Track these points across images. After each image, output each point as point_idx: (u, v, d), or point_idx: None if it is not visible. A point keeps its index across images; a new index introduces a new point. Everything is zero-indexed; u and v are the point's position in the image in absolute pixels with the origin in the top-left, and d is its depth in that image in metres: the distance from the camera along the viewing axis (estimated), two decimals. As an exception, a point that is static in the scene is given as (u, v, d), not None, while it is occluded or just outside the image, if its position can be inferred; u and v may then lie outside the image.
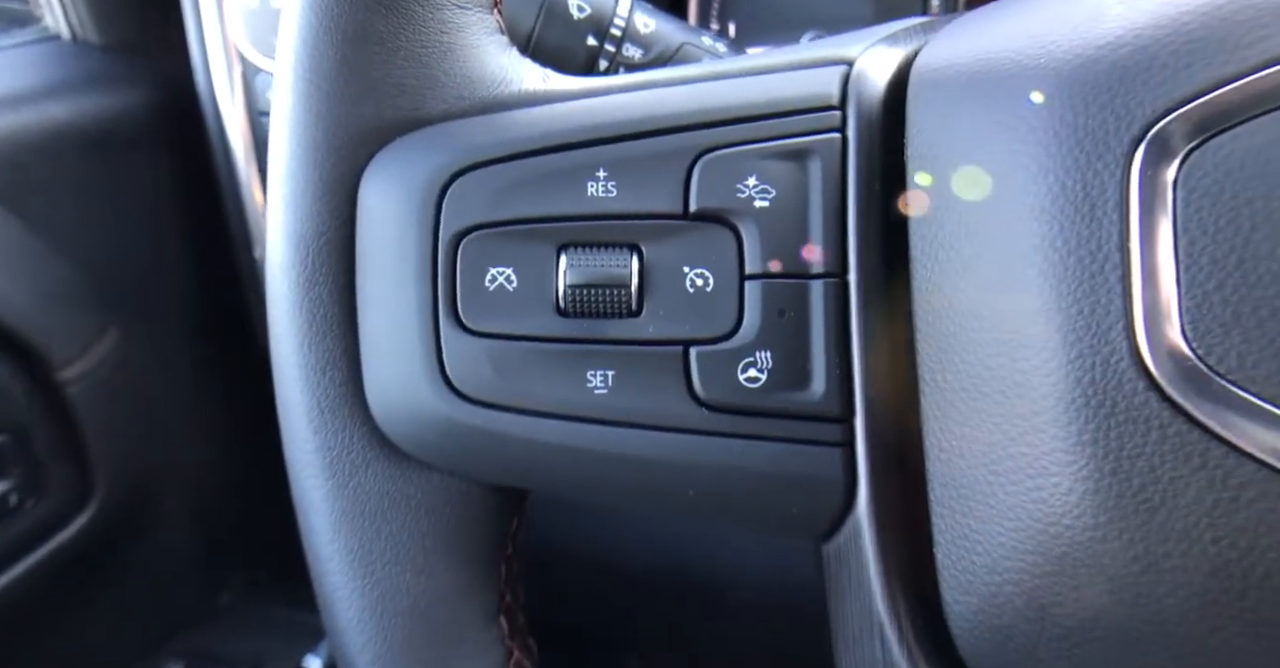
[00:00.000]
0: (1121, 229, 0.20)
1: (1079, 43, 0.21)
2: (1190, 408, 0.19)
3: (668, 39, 0.43)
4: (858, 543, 0.25)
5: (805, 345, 0.25)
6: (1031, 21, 0.24)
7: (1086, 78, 0.21)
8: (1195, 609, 0.19)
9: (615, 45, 0.42)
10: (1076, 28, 0.22)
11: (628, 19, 0.41)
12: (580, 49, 0.42)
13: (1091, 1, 0.23)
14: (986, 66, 0.23)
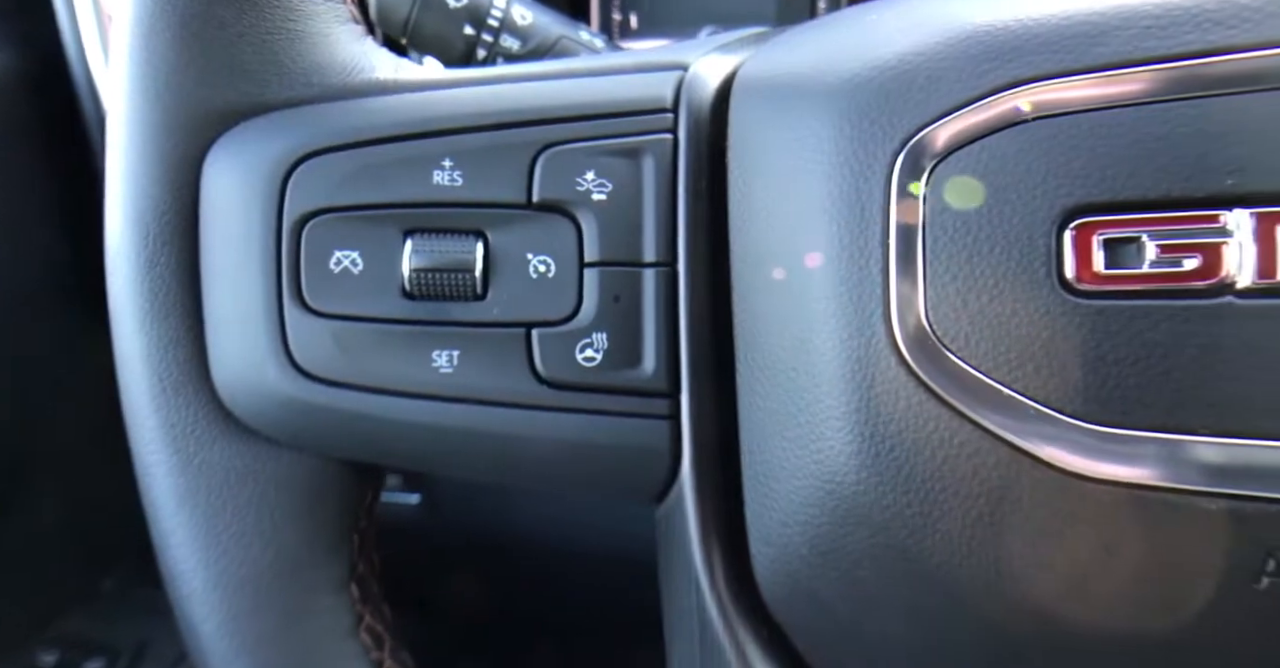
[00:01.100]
0: (883, 229, 0.22)
1: (858, 64, 0.24)
2: (930, 381, 0.22)
3: (545, 31, 0.44)
4: (682, 505, 0.27)
5: (638, 328, 0.27)
6: (830, 42, 0.27)
7: (859, 96, 0.23)
8: (935, 548, 0.22)
9: (493, 35, 0.43)
10: (860, 50, 0.25)
11: (505, 10, 0.42)
12: (458, 38, 0.43)
13: (882, 27, 0.25)
14: (786, 80, 0.26)
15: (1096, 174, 0.20)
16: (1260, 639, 0.19)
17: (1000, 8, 0.24)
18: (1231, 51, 0.19)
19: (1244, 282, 0.19)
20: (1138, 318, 0.20)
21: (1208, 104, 0.20)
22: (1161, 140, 0.20)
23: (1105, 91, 0.21)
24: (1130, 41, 0.21)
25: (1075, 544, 0.20)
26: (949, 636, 0.23)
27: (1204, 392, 0.19)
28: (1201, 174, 0.19)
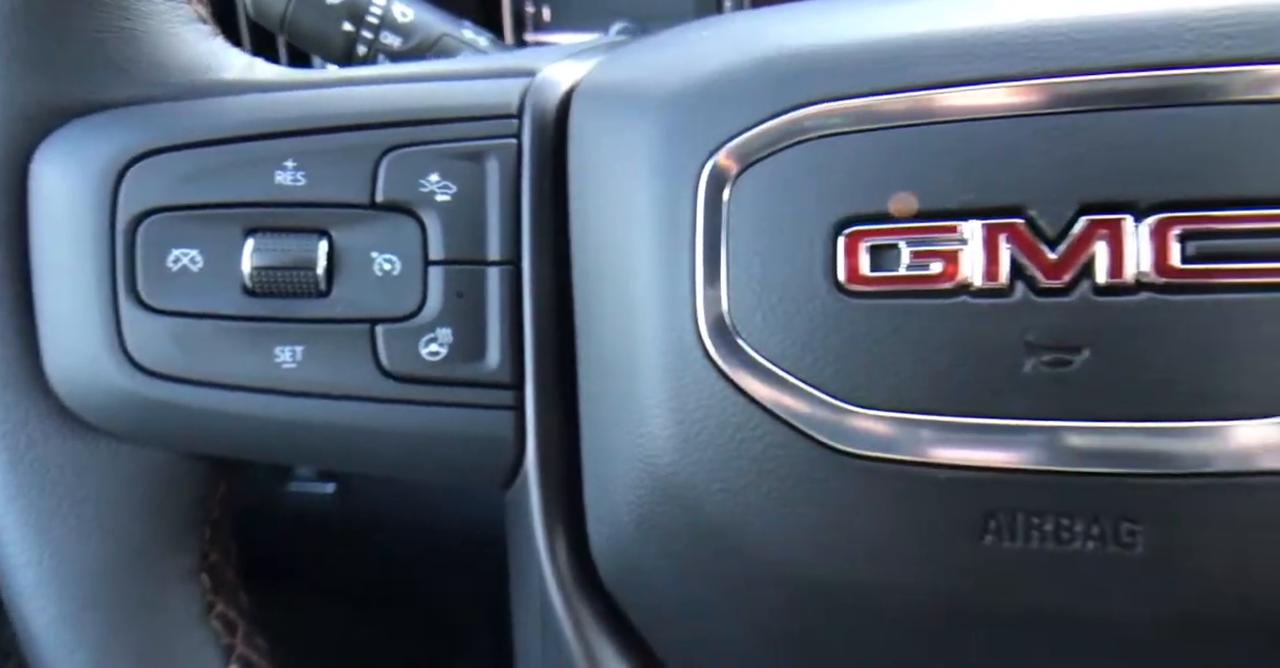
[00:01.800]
0: (691, 234, 0.25)
1: (678, 79, 0.26)
2: (729, 371, 0.24)
3: (427, 29, 0.45)
4: (526, 490, 0.29)
5: (482, 323, 0.29)
6: (664, 55, 0.29)
7: (676, 109, 0.25)
8: (736, 521, 0.24)
9: (373, 32, 0.43)
10: (683, 66, 0.27)
11: (385, 7, 0.43)
12: (337, 35, 0.43)
13: (706, 44, 0.28)
14: (619, 90, 0.28)
15: (865, 188, 0.23)
16: (985, 589, 0.22)
17: (802, 34, 0.26)
18: (972, 83, 0.22)
19: (976, 283, 0.22)
20: (896, 315, 0.23)
21: (952, 129, 0.22)
22: (915, 159, 0.23)
23: (873, 114, 0.23)
24: (894, 70, 0.23)
25: (844, 512, 0.23)
26: (753, 601, 0.25)
27: (944, 378, 0.22)
28: (945, 190, 0.22)
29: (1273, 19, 0.20)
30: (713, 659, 0.28)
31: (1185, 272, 0.20)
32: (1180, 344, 0.20)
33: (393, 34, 0.46)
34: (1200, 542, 0.20)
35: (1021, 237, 0.22)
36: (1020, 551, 0.22)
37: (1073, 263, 0.21)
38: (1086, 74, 0.22)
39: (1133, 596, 0.21)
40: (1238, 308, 0.20)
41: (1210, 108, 0.21)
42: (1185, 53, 0.21)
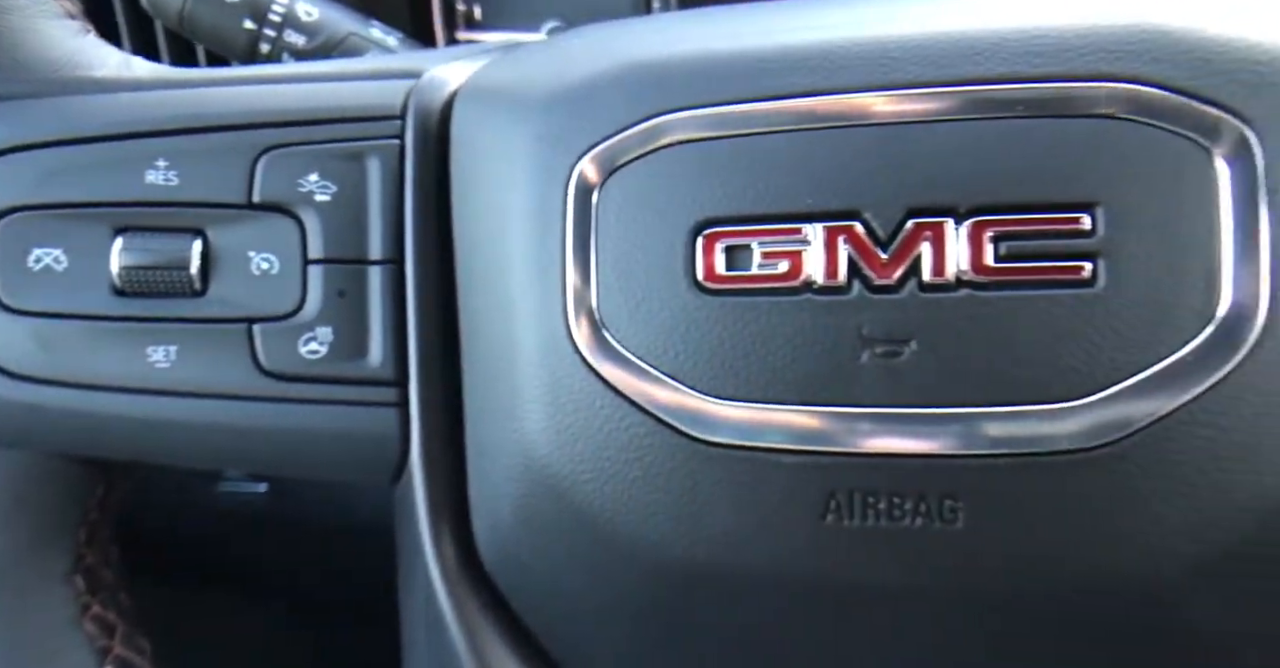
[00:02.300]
0: (562, 235, 0.26)
1: (553, 84, 0.27)
2: (597, 366, 0.25)
3: (333, 28, 0.45)
4: (412, 487, 0.30)
5: (363, 321, 0.29)
6: (544, 59, 0.29)
7: (550, 114, 0.26)
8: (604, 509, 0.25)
9: (275, 31, 0.43)
10: (560, 70, 0.28)
11: (289, 5, 0.42)
12: (238, 33, 0.42)
13: (583, 50, 0.29)
14: (499, 93, 0.29)
15: (720, 192, 0.25)
16: (828, 565, 0.24)
17: (668, 43, 0.27)
18: (813, 94, 0.24)
19: (818, 280, 0.24)
20: (748, 311, 0.24)
21: (795, 136, 0.24)
22: (764, 165, 0.24)
23: (726, 122, 0.25)
24: (748, 81, 0.25)
25: (702, 498, 0.24)
26: (625, 587, 0.27)
27: (790, 369, 0.24)
28: (791, 194, 0.24)
29: (1078, 41, 0.23)
30: (593, 646, 0.29)
31: (997, 270, 0.22)
32: (994, 336, 0.22)
33: (297, 32, 0.45)
34: (1011, 517, 0.22)
35: (857, 238, 0.23)
36: (858, 528, 0.23)
37: (901, 262, 0.23)
38: (914, 87, 0.23)
39: (955, 567, 0.23)
40: (1041, 303, 0.22)
41: (1019, 121, 0.23)
42: (999, 69, 0.23)
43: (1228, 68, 0.22)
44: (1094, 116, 0.22)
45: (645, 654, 0.27)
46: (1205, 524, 0.22)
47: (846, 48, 0.25)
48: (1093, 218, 0.22)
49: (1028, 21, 0.23)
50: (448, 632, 0.29)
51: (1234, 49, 0.22)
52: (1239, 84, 0.22)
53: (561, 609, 0.28)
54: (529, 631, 0.29)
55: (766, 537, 0.24)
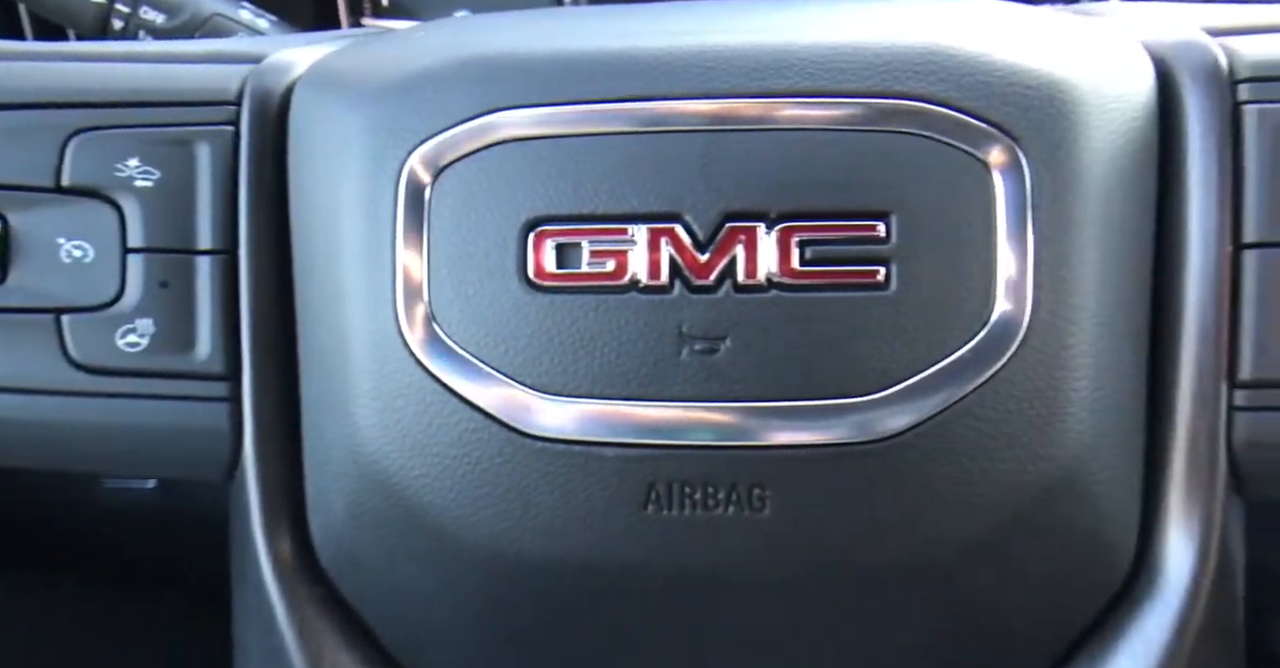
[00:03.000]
0: (393, 230, 0.26)
1: (388, 76, 0.27)
2: (427, 362, 0.25)
3: (196, 7, 0.42)
4: (245, 483, 0.29)
5: (190, 313, 0.28)
6: (386, 50, 0.29)
7: (382, 105, 0.26)
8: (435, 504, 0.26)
9: (130, 6, 0.41)
10: (396, 62, 0.28)
11: None
12: (85, 6, 0.40)
13: (422, 42, 0.29)
14: (337, 82, 0.28)
15: (552, 191, 0.25)
16: (649, 553, 0.25)
17: (509, 41, 0.28)
18: (641, 99, 0.25)
19: (643, 279, 0.25)
20: (576, 308, 0.25)
21: (623, 139, 0.25)
22: (593, 166, 0.25)
23: (557, 122, 0.25)
24: (577, 83, 0.25)
25: (530, 492, 0.25)
26: (458, 582, 0.27)
27: (616, 366, 0.25)
28: (618, 195, 0.25)
29: (876, 60, 0.25)
30: (429, 639, 0.29)
31: (803, 273, 0.24)
32: (800, 335, 0.24)
33: (154, 9, 0.43)
34: (811, 504, 0.24)
35: (678, 240, 0.25)
36: (676, 518, 0.24)
37: (718, 263, 0.24)
38: (732, 96, 0.25)
39: (762, 553, 0.24)
40: (841, 304, 0.24)
41: (824, 132, 0.24)
42: (806, 83, 0.24)
43: (1002, 90, 0.24)
44: (888, 131, 0.24)
45: (479, 645, 0.28)
46: (981, 506, 0.24)
47: (673, 55, 0.26)
48: (887, 226, 0.24)
49: (834, 39, 0.25)
50: (279, 631, 0.28)
51: (1010, 73, 0.24)
52: (1011, 105, 0.24)
53: (396, 604, 0.28)
54: (367, 627, 0.29)
55: (591, 528, 0.25)
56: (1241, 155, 0.25)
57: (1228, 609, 0.27)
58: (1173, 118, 0.26)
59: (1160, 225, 0.26)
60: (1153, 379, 0.26)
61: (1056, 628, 0.27)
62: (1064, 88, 0.24)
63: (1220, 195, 0.25)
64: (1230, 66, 0.26)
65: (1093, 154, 0.24)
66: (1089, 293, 0.24)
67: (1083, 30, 0.27)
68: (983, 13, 0.27)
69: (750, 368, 0.24)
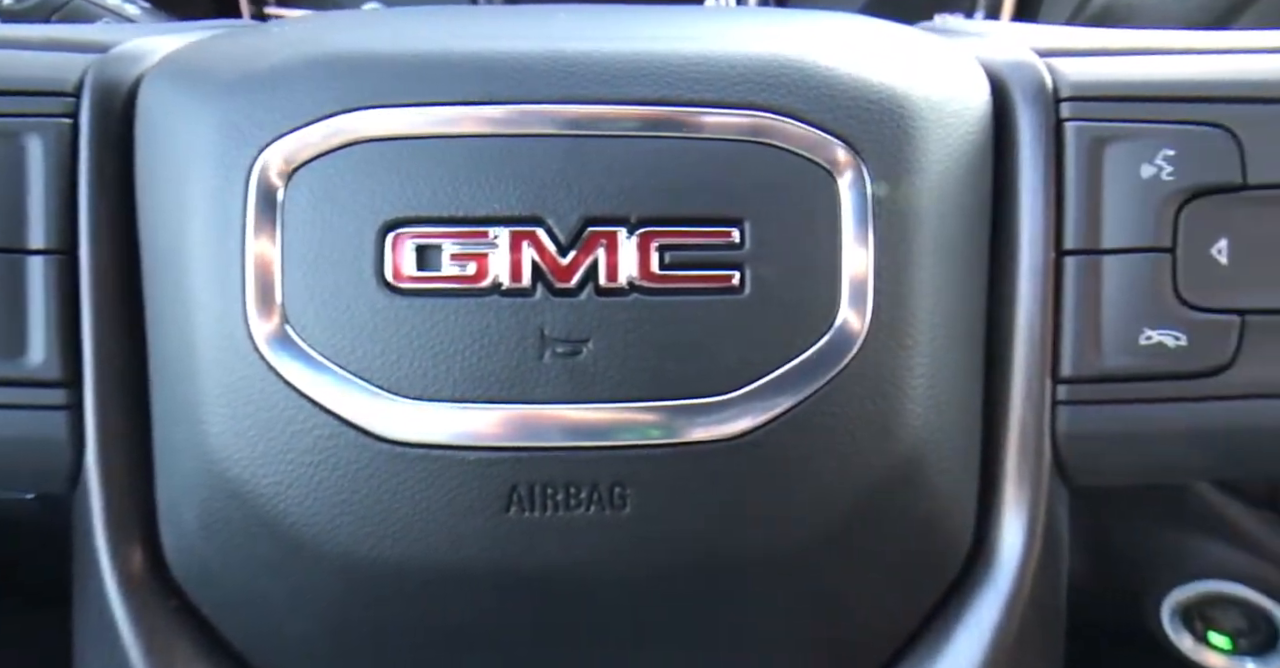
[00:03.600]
0: (243, 229, 0.25)
1: (239, 71, 0.26)
2: (280, 369, 0.25)
3: None
4: (88, 494, 0.27)
5: (20, 317, 0.26)
6: (241, 44, 0.28)
7: (231, 102, 0.25)
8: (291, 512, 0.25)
9: None
10: (248, 57, 0.27)
11: None
12: None
13: (275, 38, 0.28)
14: (186, 74, 0.27)
15: (411, 193, 0.25)
16: (515, 554, 0.25)
17: (367, 39, 0.27)
18: (500, 102, 0.25)
19: (505, 282, 0.25)
20: (437, 311, 0.25)
21: (484, 142, 0.25)
22: (454, 168, 0.25)
23: (418, 124, 0.25)
24: (437, 84, 0.25)
25: (390, 497, 0.25)
26: (315, 590, 0.26)
27: (477, 369, 0.25)
28: (480, 198, 0.25)
29: (730, 71, 0.25)
30: (288, 649, 0.28)
31: (663, 277, 0.25)
32: (659, 337, 0.25)
33: None
34: (671, 501, 0.25)
35: (540, 243, 0.25)
36: (538, 519, 0.25)
37: (580, 267, 0.25)
38: (593, 102, 0.25)
39: (626, 550, 0.25)
40: (699, 307, 0.25)
41: (682, 140, 0.25)
42: (664, 92, 0.25)
43: (847, 103, 0.25)
44: (741, 141, 0.25)
45: (339, 653, 0.27)
46: (828, 498, 0.26)
47: (535, 59, 0.26)
48: (741, 232, 0.25)
49: (692, 49, 0.26)
50: (123, 648, 0.27)
51: (855, 87, 0.26)
52: (854, 118, 0.25)
53: (254, 615, 0.27)
54: (224, 638, 0.28)
55: (452, 532, 0.25)
56: (1063, 169, 0.28)
57: (1052, 587, 0.30)
58: (1006, 132, 0.28)
59: (995, 233, 0.28)
60: (988, 376, 0.28)
61: (903, 612, 0.28)
62: (904, 102, 0.26)
63: (1045, 206, 0.27)
64: (1054, 86, 0.28)
65: (930, 165, 0.26)
66: (926, 296, 0.26)
67: (926, 48, 0.29)
68: (836, 29, 0.28)
69: (612, 370, 0.24)
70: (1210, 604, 0.60)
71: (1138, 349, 0.27)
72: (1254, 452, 0.28)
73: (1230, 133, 0.26)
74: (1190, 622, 0.61)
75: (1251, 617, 0.58)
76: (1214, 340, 0.26)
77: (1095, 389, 0.27)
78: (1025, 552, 0.28)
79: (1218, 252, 0.26)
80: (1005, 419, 0.28)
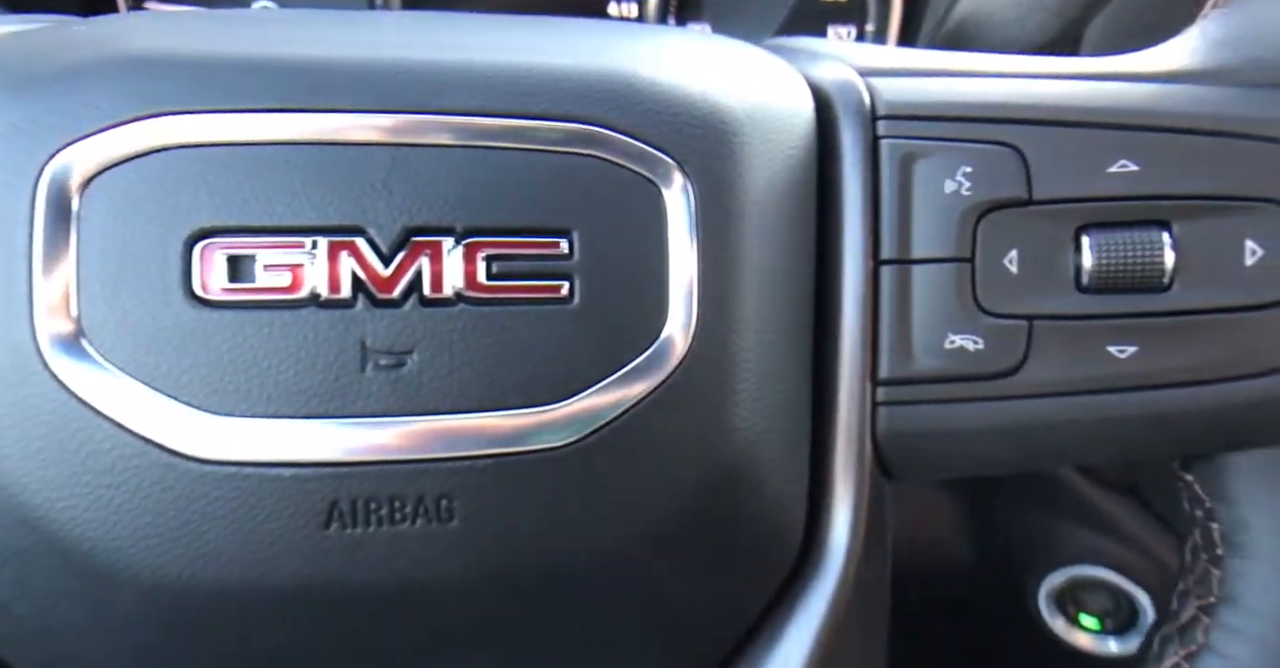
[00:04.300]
0: (29, 240, 0.23)
1: (37, 68, 0.24)
2: (73, 385, 0.23)
3: None
4: None
5: None
6: (45, 39, 0.26)
7: (16, 105, 0.24)
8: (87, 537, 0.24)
9: None
10: (53, 54, 0.25)
11: None
12: None
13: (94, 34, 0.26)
14: None
15: (221, 202, 0.24)
16: (337, 572, 0.25)
17: (177, 40, 0.26)
18: (319, 111, 0.24)
19: (323, 294, 0.24)
20: (250, 324, 0.24)
21: (301, 150, 0.24)
22: (267, 177, 0.24)
23: (231, 130, 0.24)
24: (252, 90, 0.24)
25: (201, 518, 0.24)
26: (118, 617, 0.25)
27: (294, 383, 0.24)
28: (296, 208, 0.24)
29: (555, 84, 0.26)
30: None
31: (490, 287, 0.25)
32: (487, 348, 0.25)
33: None
34: (499, 511, 0.25)
35: (360, 254, 0.24)
36: (361, 535, 0.24)
37: (402, 278, 0.24)
38: (415, 112, 0.25)
39: (454, 562, 0.25)
40: (527, 317, 0.25)
41: (509, 152, 0.25)
42: (490, 103, 0.25)
43: (671, 118, 0.26)
44: (569, 153, 0.25)
45: None
46: (659, 502, 0.26)
47: (358, 67, 0.25)
48: (570, 243, 0.25)
49: (520, 61, 0.26)
50: None
51: (680, 101, 0.26)
52: (678, 133, 0.26)
53: (53, 647, 0.25)
54: None
55: (269, 552, 0.24)
56: (879, 183, 0.29)
57: (878, 578, 0.31)
58: (830, 148, 0.30)
59: (820, 243, 0.30)
60: (816, 380, 0.30)
61: (737, 611, 0.29)
62: (727, 116, 0.27)
63: (864, 218, 0.29)
64: (872, 104, 0.29)
65: (753, 178, 0.27)
66: (751, 304, 0.27)
67: (754, 65, 0.30)
68: (667, 44, 0.29)
69: (437, 381, 0.24)
70: (1081, 588, 0.65)
71: (943, 353, 0.29)
72: (1051, 446, 0.30)
73: (1018, 152, 0.28)
74: (1064, 605, 0.66)
75: (1116, 599, 0.64)
76: (1006, 344, 0.28)
77: (909, 390, 0.29)
78: (850, 548, 0.29)
79: (1009, 261, 0.28)
80: (833, 421, 0.30)
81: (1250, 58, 0.29)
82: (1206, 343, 0.28)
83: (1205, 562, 0.32)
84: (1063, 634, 0.63)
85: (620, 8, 0.71)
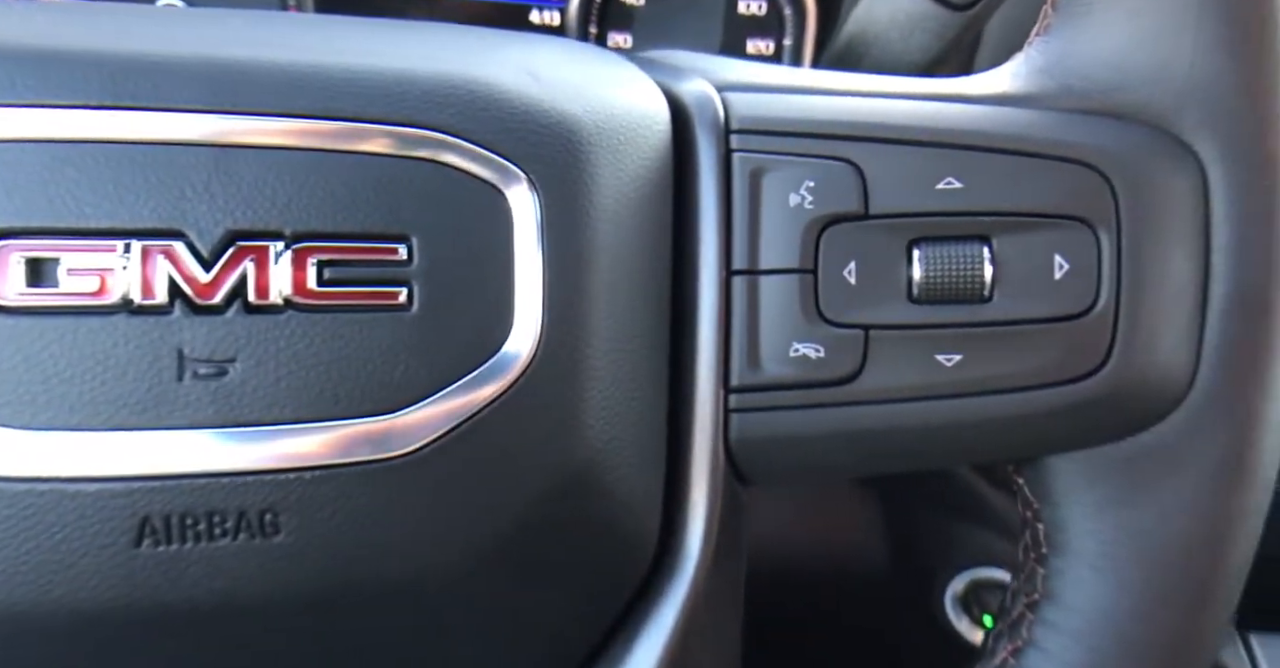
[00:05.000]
0: None
1: None
2: None
3: None
4: None
5: None
6: None
7: None
8: None
9: None
10: None
11: None
12: None
13: None
14: None
15: (21, 202, 0.22)
16: (149, 591, 0.23)
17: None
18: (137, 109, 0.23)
19: (136, 300, 0.23)
20: (53, 332, 0.22)
21: (114, 149, 0.23)
22: (75, 177, 0.23)
23: (34, 127, 0.23)
24: (59, 85, 0.23)
25: (7, 541, 0.22)
26: None
27: (103, 394, 0.23)
28: (106, 209, 0.23)
29: (399, 88, 0.25)
30: None
31: (321, 294, 0.24)
32: (318, 356, 0.24)
33: None
34: (325, 525, 0.24)
35: (178, 258, 0.23)
36: (175, 552, 0.23)
37: (224, 283, 0.23)
38: (248, 114, 0.24)
39: (279, 579, 0.24)
40: (361, 324, 0.24)
41: (346, 156, 0.24)
42: (328, 106, 0.24)
43: (517, 126, 0.26)
44: (409, 158, 0.25)
45: None
46: (503, 512, 0.26)
47: (182, 64, 0.24)
48: (408, 249, 0.25)
49: (358, 63, 0.25)
50: None
51: (526, 109, 0.26)
52: (523, 141, 0.26)
53: None
54: None
55: (73, 573, 0.22)
56: (730, 196, 0.30)
57: (731, 583, 0.32)
58: (687, 160, 0.30)
59: (677, 253, 0.30)
60: (673, 387, 0.30)
61: (589, 623, 0.29)
62: (575, 126, 0.27)
63: (718, 229, 0.30)
64: (726, 118, 0.30)
65: (603, 187, 0.27)
66: (600, 313, 0.27)
67: (608, 75, 0.30)
68: (518, 50, 0.29)
69: (261, 391, 0.23)
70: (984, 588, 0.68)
71: (788, 360, 0.29)
72: (888, 450, 0.32)
73: (856, 167, 0.29)
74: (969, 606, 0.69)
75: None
76: (845, 352, 0.29)
77: (758, 397, 0.30)
78: (703, 555, 0.30)
79: (848, 273, 0.29)
80: (690, 427, 0.30)
81: (1063, 85, 0.31)
82: (1023, 352, 0.30)
83: (1033, 561, 0.34)
84: (966, 634, 0.66)
85: (542, 16, 0.70)
